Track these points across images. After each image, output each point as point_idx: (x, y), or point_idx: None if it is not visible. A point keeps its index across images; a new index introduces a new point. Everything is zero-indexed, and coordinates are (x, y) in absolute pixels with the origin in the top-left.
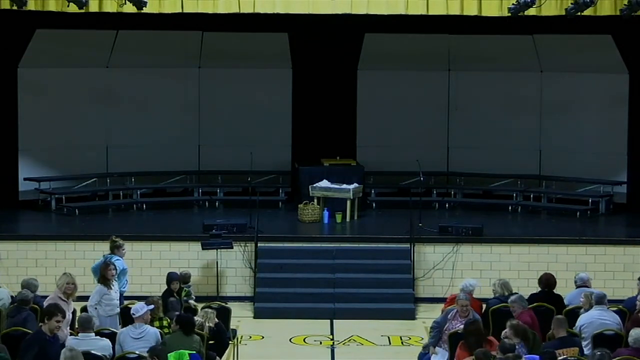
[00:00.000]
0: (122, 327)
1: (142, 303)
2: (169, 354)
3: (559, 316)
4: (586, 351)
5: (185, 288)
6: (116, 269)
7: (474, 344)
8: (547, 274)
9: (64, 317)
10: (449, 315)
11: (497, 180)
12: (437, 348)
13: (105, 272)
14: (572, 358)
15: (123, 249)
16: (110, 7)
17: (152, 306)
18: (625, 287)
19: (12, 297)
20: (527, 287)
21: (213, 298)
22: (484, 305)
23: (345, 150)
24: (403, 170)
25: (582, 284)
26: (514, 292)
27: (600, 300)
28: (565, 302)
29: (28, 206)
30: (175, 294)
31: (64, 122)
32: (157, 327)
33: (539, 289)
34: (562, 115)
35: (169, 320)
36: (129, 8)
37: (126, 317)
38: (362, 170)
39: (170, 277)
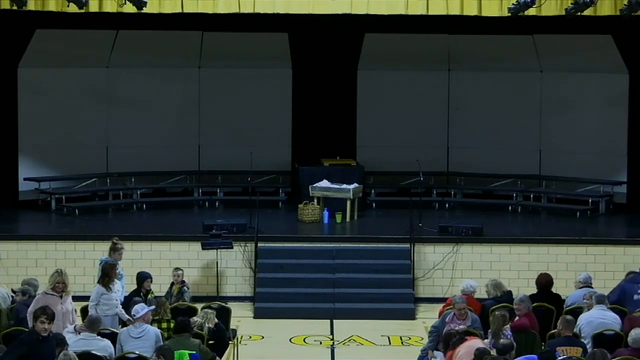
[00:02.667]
0: (122, 327)
1: (142, 304)
2: None
3: (568, 317)
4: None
5: (151, 291)
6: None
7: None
8: (544, 274)
9: (48, 318)
10: (447, 319)
11: (497, 180)
12: (435, 352)
13: (110, 272)
14: (574, 357)
15: (119, 253)
16: (110, 7)
17: (153, 307)
18: None
19: (12, 297)
20: (527, 287)
21: (213, 298)
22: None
23: (345, 150)
24: (403, 170)
25: (584, 284)
26: (507, 290)
27: (601, 300)
28: (568, 301)
29: (28, 206)
30: (141, 294)
31: (64, 122)
32: (164, 329)
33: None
34: (562, 115)
35: (174, 322)
36: (129, 8)
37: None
38: (362, 170)
39: (142, 277)
